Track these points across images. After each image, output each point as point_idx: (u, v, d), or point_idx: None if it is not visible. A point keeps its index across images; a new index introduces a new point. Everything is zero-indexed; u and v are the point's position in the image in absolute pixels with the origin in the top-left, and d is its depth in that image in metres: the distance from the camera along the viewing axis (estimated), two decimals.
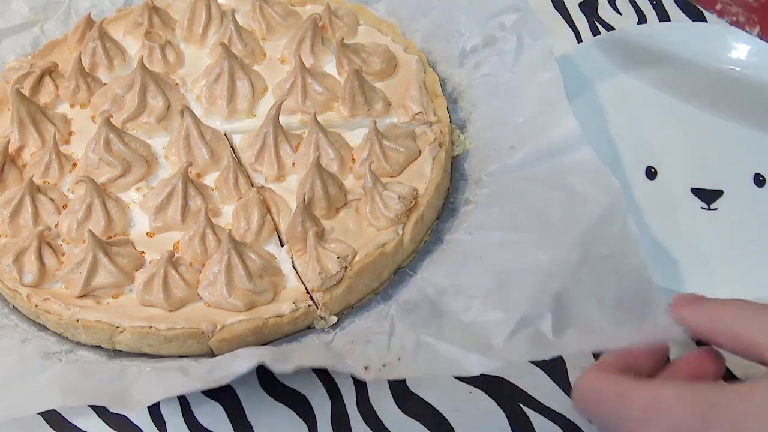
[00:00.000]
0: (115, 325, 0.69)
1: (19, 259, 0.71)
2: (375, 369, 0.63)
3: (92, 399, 0.64)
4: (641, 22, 1.01)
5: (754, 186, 0.83)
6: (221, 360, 0.65)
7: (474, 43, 0.89)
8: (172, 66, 0.88)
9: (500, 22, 0.87)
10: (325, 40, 0.89)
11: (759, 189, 0.83)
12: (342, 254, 0.70)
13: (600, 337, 0.60)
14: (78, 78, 0.85)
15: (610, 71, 0.93)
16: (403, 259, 0.76)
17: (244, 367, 0.60)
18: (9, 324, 0.73)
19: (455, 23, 0.90)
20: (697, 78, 0.93)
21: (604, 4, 1.04)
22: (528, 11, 0.85)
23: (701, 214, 0.82)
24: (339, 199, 0.75)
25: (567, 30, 1.01)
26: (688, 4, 1.03)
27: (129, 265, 0.72)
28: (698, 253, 0.79)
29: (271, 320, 0.69)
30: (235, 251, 0.69)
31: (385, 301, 0.73)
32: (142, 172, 0.79)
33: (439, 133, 0.80)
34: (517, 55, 0.84)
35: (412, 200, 0.74)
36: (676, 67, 0.93)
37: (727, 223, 0.81)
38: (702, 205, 0.82)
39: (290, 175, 0.79)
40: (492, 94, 0.85)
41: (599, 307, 0.62)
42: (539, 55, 0.81)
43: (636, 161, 0.86)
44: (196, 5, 0.91)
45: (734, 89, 0.91)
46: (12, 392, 0.66)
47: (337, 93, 0.83)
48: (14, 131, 0.81)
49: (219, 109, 0.84)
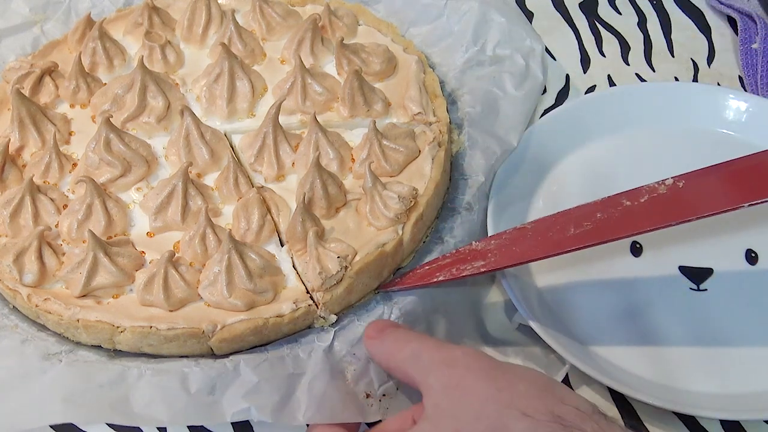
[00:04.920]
0: (116, 325, 0.69)
1: (19, 259, 0.71)
2: (375, 398, 0.66)
3: (94, 413, 0.65)
4: (641, 22, 1.01)
5: (747, 263, 0.77)
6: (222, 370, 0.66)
7: (480, 58, 0.90)
8: (172, 66, 0.88)
9: (513, 47, 0.90)
10: (324, 41, 0.89)
11: (751, 267, 0.77)
12: (342, 254, 0.70)
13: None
14: (78, 78, 0.85)
15: (588, 135, 0.87)
16: (403, 259, 0.76)
17: (242, 415, 0.64)
18: (9, 324, 0.73)
19: (462, 37, 0.92)
20: (683, 142, 0.86)
21: (604, 4, 1.04)
22: (542, 51, 0.90)
23: (690, 296, 0.75)
24: (339, 199, 0.75)
25: (567, 30, 1.01)
26: (688, 4, 1.03)
27: (129, 265, 0.72)
28: (687, 339, 0.73)
29: (271, 320, 0.69)
30: (235, 251, 0.69)
31: (385, 302, 0.73)
32: (142, 172, 0.79)
33: (438, 132, 0.80)
34: (521, 80, 0.87)
35: (411, 200, 0.74)
36: (658, 131, 0.87)
37: (717, 306, 0.74)
38: (691, 285, 0.76)
39: (290, 175, 0.79)
40: (488, 100, 0.86)
41: None
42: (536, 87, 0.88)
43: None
44: (196, 5, 0.91)
45: (725, 155, 0.81)
46: (13, 398, 0.66)
47: (337, 93, 0.83)
48: (14, 131, 0.81)
49: (219, 109, 0.84)
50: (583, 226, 0.69)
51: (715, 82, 0.95)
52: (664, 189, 0.68)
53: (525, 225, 0.73)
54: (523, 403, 0.54)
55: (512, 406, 0.54)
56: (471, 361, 0.58)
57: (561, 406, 0.53)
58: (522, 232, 0.72)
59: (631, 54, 0.98)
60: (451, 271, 0.72)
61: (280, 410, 0.64)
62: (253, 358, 0.68)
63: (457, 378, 0.57)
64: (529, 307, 0.72)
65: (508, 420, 0.53)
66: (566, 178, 0.85)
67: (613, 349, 0.72)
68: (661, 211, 0.67)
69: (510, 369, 0.58)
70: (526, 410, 0.53)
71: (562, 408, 0.53)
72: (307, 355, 0.68)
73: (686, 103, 0.88)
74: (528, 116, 0.86)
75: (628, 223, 0.67)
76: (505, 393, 0.55)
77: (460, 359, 0.58)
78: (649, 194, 0.68)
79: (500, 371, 0.57)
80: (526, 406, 0.53)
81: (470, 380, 0.57)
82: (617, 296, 0.76)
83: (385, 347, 0.64)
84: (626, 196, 0.69)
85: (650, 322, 0.74)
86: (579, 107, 0.88)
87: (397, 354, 0.62)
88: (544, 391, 0.55)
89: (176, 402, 0.65)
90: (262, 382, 0.66)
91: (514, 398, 0.54)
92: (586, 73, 0.97)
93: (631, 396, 0.68)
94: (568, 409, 0.53)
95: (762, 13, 0.98)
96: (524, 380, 0.56)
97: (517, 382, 0.56)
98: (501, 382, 0.56)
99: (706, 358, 0.71)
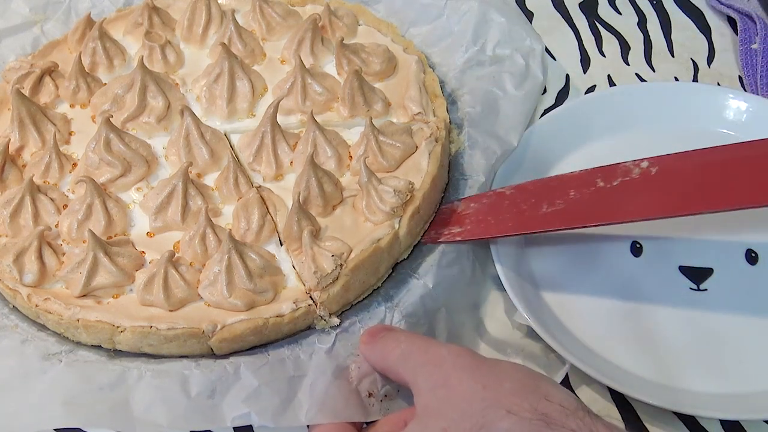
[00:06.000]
0: (116, 325, 0.69)
1: (19, 259, 0.71)
2: (377, 399, 0.66)
3: (94, 417, 0.65)
4: (641, 22, 1.01)
5: (747, 263, 0.77)
6: (223, 374, 0.66)
7: (480, 58, 0.90)
8: (172, 66, 0.88)
9: (513, 47, 0.90)
10: (324, 41, 0.89)
11: (752, 266, 0.76)
12: (337, 252, 0.70)
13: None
14: (78, 78, 0.85)
15: (588, 135, 0.87)
16: (401, 253, 0.75)
17: (242, 420, 0.64)
18: (9, 324, 0.73)
19: (462, 37, 0.92)
20: (683, 142, 0.84)
21: (604, 4, 1.04)
22: (542, 51, 0.90)
23: (690, 296, 0.75)
24: (335, 197, 0.75)
25: (567, 30, 1.01)
26: (688, 4, 1.03)
27: (129, 265, 0.72)
28: (687, 339, 0.72)
29: (271, 320, 0.69)
30: (235, 251, 0.69)
31: (385, 303, 0.73)
32: (142, 172, 0.79)
33: (436, 128, 0.80)
34: (521, 80, 0.87)
35: (408, 193, 0.74)
36: (658, 131, 0.87)
37: (717, 306, 0.74)
38: (691, 285, 0.76)
39: (288, 174, 0.79)
40: (488, 100, 0.86)
41: None
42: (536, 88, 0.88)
43: (621, 235, 0.78)
44: (196, 5, 0.91)
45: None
46: (13, 399, 0.66)
47: (337, 93, 0.83)
48: (14, 131, 0.81)
49: (219, 109, 0.84)
50: (555, 204, 0.71)
51: (715, 82, 0.95)
52: (637, 173, 0.69)
53: (504, 190, 0.76)
54: (508, 401, 0.54)
55: (497, 403, 0.54)
56: (457, 359, 0.58)
57: (546, 404, 0.54)
58: (500, 199, 0.74)
59: (631, 54, 0.98)
60: (430, 235, 0.77)
61: (281, 413, 0.64)
62: (254, 361, 0.68)
63: (444, 377, 0.57)
64: (529, 307, 0.72)
65: (493, 418, 0.53)
66: None
67: (613, 349, 0.72)
68: (628, 201, 0.68)
69: (495, 366, 0.58)
70: (511, 408, 0.53)
71: (547, 405, 0.54)
72: (308, 356, 0.68)
73: (686, 103, 0.88)
74: (528, 116, 0.86)
75: (596, 211, 0.69)
76: (491, 390, 0.55)
77: (446, 358, 0.59)
78: (622, 177, 0.69)
79: (486, 368, 0.58)
80: (510, 404, 0.54)
81: (456, 379, 0.57)
82: (617, 296, 0.76)
83: (377, 350, 0.65)
84: (601, 174, 0.71)
85: (650, 322, 0.74)
86: (579, 107, 0.88)
87: (388, 356, 0.63)
88: (529, 388, 0.55)
89: (176, 406, 0.65)
90: (262, 386, 0.66)
91: (499, 396, 0.55)
92: (586, 73, 0.97)
93: (631, 396, 0.68)
94: (553, 406, 0.54)
95: (762, 14, 0.98)
96: (509, 377, 0.56)
97: (502, 379, 0.56)
98: (486, 379, 0.56)
99: (706, 358, 0.71)
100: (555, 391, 0.55)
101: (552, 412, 0.53)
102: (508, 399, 0.54)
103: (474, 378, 0.56)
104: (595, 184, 0.70)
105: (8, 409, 0.65)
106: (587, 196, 0.70)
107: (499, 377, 0.56)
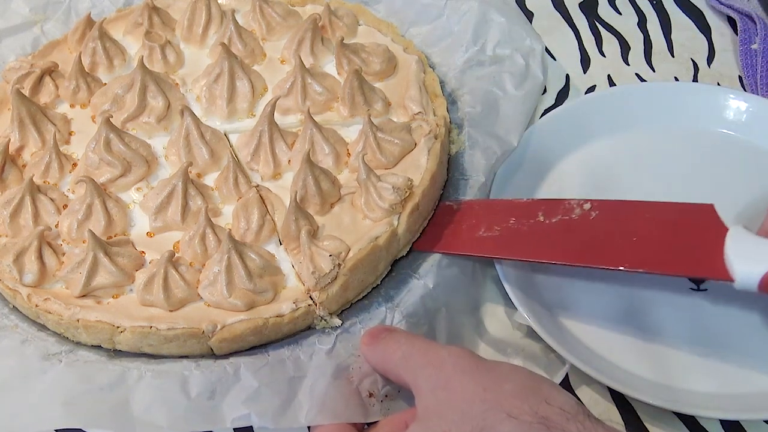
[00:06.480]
0: (116, 325, 0.69)
1: (19, 259, 0.71)
2: (378, 399, 0.66)
3: (94, 418, 0.65)
4: (641, 22, 1.01)
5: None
6: (222, 375, 0.66)
7: (480, 58, 0.90)
8: (172, 66, 0.88)
9: (513, 47, 0.90)
10: (324, 41, 0.89)
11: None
12: (335, 252, 0.70)
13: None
14: (78, 78, 0.85)
15: (588, 135, 0.87)
16: (399, 251, 0.75)
17: (242, 421, 0.64)
18: (9, 324, 0.73)
19: (462, 37, 0.92)
20: (683, 142, 0.86)
21: (604, 4, 1.04)
22: (542, 51, 0.90)
23: (690, 296, 0.75)
24: (333, 194, 0.75)
25: (567, 30, 1.01)
26: (688, 4, 1.03)
27: (129, 265, 0.72)
28: (687, 339, 0.72)
29: (271, 320, 0.69)
30: (235, 251, 0.69)
31: (386, 303, 0.73)
32: (142, 172, 0.79)
33: (435, 125, 0.80)
34: (521, 80, 0.87)
35: (406, 190, 0.74)
36: (658, 131, 0.87)
37: (717, 306, 0.74)
38: (691, 285, 0.75)
39: (287, 173, 0.79)
40: (488, 100, 0.86)
41: None
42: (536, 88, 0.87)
43: None
44: (196, 5, 0.91)
45: (724, 155, 0.84)
46: (13, 400, 0.66)
47: (337, 93, 0.83)
48: (14, 131, 0.81)
49: (219, 109, 0.84)
50: (492, 230, 0.72)
51: (715, 82, 0.95)
52: (578, 213, 0.70)
53: (472, 202, 0.77)
54: (509, 404, 0.54)
55: (498, 406, 0.54)
56: (457, 361, 0.58)
57: (546, 407, 0.54)
58: (461, 212, 0.76)
59: (631, 54, 0.98)
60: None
61: (281, 414, 0.64)
62: (254, 362, 0.68)
63: (444, 379, 0.57)
64: (529, 307, 0.72)
65: (493, 421, 0.53)
66: (566, 178, 0.85)
67: (613, 349, 0.72)
68: (561, 243, 0.70)
69: (496, 368, 0.58)
70: (511, 411, 0.53)
71: (547, 408, 0.53)
72: (308, 357, 0.68)
73: (686, 103, 0.88)
74: (528, 116, 0.86)
75: (527, 246, 0.71)
76: (491, 393, 0.55)
77: (446, 360, 0.59)
78: (563, 215, 0.71)
79: (486, 370, 0.58)
80: (511, 407, 0.54)
81: (456, 381, 0.57)
82: (617, 296, 0.76)
83: (378, 352, 0.65)
84: (544, 207, 0.73)
85: (650, 322, 0.74)
86: (579, 107, 0.88)
87: (389, 358, 0.63)
88: (530, 390, 0.55)
89: (176, 407, 0.65)
90: (262, 386, 0.66)
91: (499, 398, 0.55)
92: (586, 73, 0.97)
93: (631, 396, 0.68)
94: (553, 409, 0.54)
95: (762, 14, 0.98)
96: (510, 379, 0.56)
97: (503, 381, 0.56)
98: (487, 381, 0.56)
99: (706, 358, 0.71)
100: (555, 394, 0.55)
101: (552, 416, 0.53)
102: (508, 402, 0.54)
103: (474, 380, 0.56)
104: (536, 217, 0.72)
105: (8, 410, 0.65)
106: (525, 228, 0.72)
107: (500, 379, 0.56)
